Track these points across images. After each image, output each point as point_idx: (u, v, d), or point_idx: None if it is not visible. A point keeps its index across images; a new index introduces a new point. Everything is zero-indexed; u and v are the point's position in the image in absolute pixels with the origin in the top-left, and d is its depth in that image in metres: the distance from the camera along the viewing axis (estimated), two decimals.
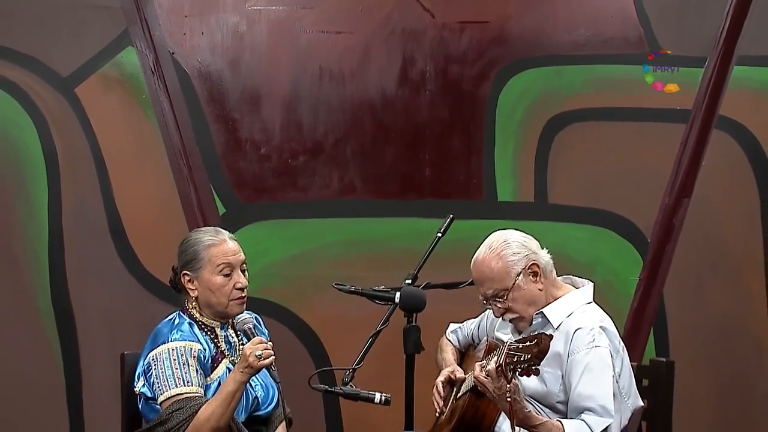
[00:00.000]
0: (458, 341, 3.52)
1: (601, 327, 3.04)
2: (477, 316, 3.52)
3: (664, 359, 3.30)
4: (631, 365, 3.16)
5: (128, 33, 4.38)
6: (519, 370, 2.71)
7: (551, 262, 3.16)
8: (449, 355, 3.47)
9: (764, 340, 4.32)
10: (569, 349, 3.01)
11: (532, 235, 3.19)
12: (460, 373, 3.28)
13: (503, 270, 3.09)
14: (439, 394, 3.28)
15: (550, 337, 2.73)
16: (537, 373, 2.74)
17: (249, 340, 3.16)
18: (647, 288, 4.36)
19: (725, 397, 4.33)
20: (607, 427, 2.90)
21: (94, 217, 4.44)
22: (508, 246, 3.11)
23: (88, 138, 4.44)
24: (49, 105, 4.44)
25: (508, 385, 2.76)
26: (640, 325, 4.33)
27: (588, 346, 2.99)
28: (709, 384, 4.31)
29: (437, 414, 3.33)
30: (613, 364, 2.99)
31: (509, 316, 3.13)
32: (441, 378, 3.30)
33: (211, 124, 4.45)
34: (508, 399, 2.77)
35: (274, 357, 3.09)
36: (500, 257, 3.10)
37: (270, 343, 3.14)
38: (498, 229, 3.25)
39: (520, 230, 3.23)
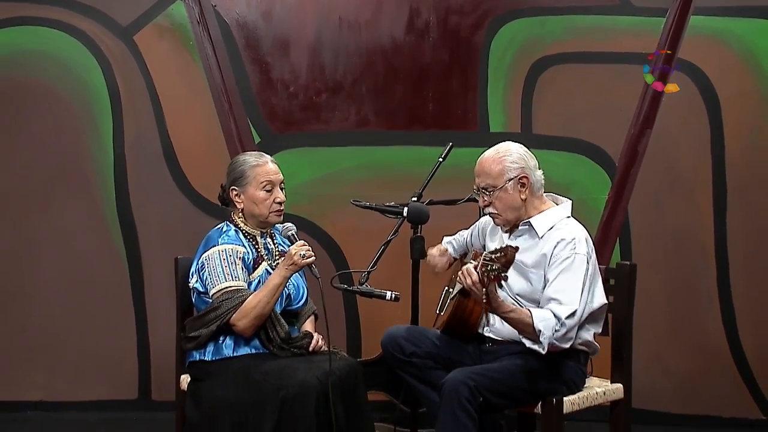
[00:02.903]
0: (455, 250, 3.52)
1: (582, 237, 3.05)
2: (468, 227, 3.53)
3: (628, 263, 3.29)
4: (600, 267, 3.17)
5: None
6: (492, 276, 2.73)
7: (542, 181, 3.14)
8: (438, 246, 3.51)
9: (709, 247, 4.33)
10: (552, 252, 3.02)
11: (534, 155, 3.17)
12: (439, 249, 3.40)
13: (498, 171, 3.09)
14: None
15: (516, 249, 2.74)
16: (505, 279, 2.75)
17: (292, 244, 3.19)
18: (614, 204, 4.37)
19: (677, 293, 4.36)
20: (572, 312, 2.92)
21: (150, 146, 4.46)
22: (510, 155, 3.11)
23: (145, 78, 4.44)
24: (112, 50, 4.43)
25: (483, 288, 2.78)
26: (608, 235, 4.35)
27: (570, 252, 3.00)
28: (664, 283, 4.34)
29: (437, 311, 3.37)
30: (587, 268, 3.01)
31: (490, 210, 3.13)
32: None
33: (247, 67, 4.44)
34: (484, 292, 2.79)
35: (314, 257, 3.13)
36: (500, 161, 3.09)
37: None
38: None
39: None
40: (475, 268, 2.79)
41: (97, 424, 4.30)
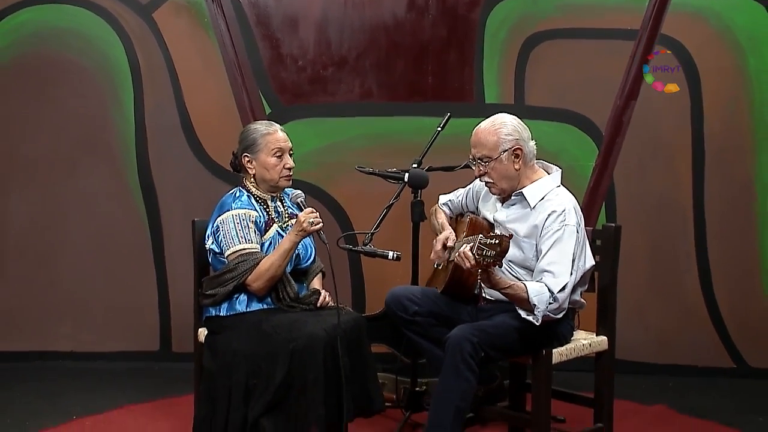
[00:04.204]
0: (450, 211, 3.45)
1: (572, 207, 3.02)
2: (466, 186, 3.50)
3: (613, 225, 3.28)
4: (587, 229, 3.15)
5: None
6: (489, 261, 2.72)
7: (534, 151, 3.10)
8: (444, 219, 3.37)
9: (688, 211, 4.33)
10: (544, 224, 2.99)
11: (527, 126, 3.13)
12: (452, 241, 3.24)
13: (494, 143, 3.04)
14: (439, 251, 3.24)
15: (510, 237, 2.74)
16: (500, 266, 2.76)
17: (301, 210, 3.18)
18: (601, 171, 4.35)
19: (658, 253, 4.37)
20: (563, 286, 2.92)
21: (168, 116, 4.45)
22: (506, 126, 3.05)
23: (163, 53, 4.42)
24: (133, 27, 4.40)
25: (478, 269, 2.78)
26: (595, 200, 4.34)
27: (561, 223, 2.97)
28: (646, 243, 4.35)
29: (435, 265, 3.34)
30: (576, 238, 2.98)
31: (485, 179, 3.09)
32: (440, 238, 3.24)
33: (258, 42, 4.40)
34: (479, 272, 2.80)
35: (322, 224, 3.11)
36: (496, 133, 3.04)
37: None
38: None
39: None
40: (471, 250, 2.77)
41: (122, 372, 4.33)
